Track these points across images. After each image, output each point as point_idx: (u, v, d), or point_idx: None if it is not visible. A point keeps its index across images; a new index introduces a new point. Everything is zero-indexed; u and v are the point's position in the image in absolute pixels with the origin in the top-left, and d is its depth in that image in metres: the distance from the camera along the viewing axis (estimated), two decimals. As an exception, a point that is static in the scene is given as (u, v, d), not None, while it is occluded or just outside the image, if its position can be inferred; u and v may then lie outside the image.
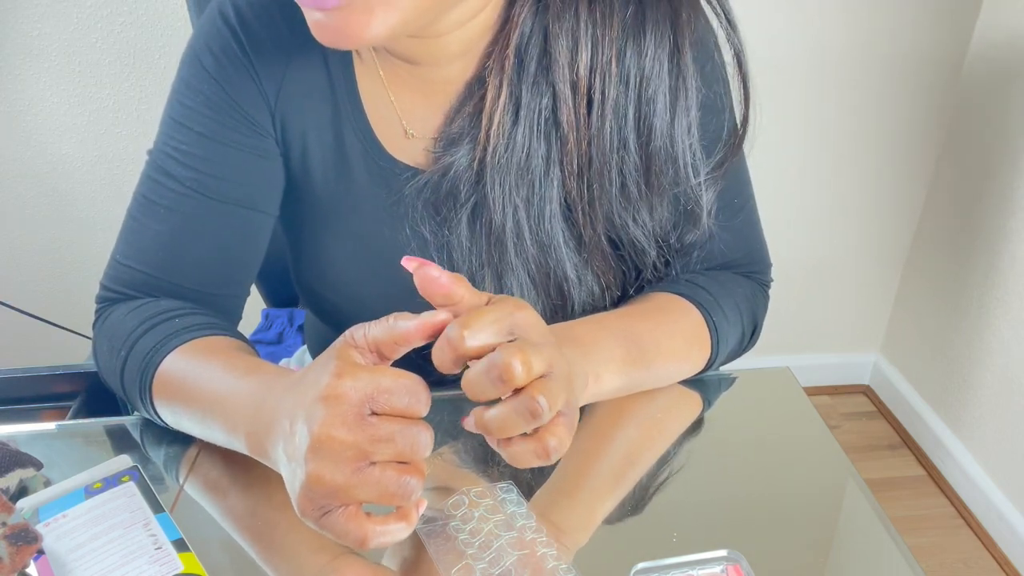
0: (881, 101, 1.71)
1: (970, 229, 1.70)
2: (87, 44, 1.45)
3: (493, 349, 0.45)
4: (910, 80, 1.69)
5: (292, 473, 0.46)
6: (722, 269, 0.77)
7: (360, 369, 0.45)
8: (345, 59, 0.68)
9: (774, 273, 0.81)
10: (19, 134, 1.52)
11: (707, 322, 0.70)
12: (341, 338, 0.47)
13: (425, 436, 0.45)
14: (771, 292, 0.80)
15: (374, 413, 0.44)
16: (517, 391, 0.45)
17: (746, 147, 0.73)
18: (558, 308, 0.71)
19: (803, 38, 1.62)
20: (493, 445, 0.48)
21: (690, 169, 0.67)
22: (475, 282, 0.69)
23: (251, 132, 0.68)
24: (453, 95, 0.68)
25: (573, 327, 0.63)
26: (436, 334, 0.46)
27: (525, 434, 0.47)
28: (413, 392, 0.45)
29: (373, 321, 0.47)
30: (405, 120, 0.69)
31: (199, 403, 0.58)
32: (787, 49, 1.62)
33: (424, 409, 0.45)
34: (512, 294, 0.68)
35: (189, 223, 0.67)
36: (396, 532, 0.46)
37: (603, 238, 0.69)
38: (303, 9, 0.55)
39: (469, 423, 0.48)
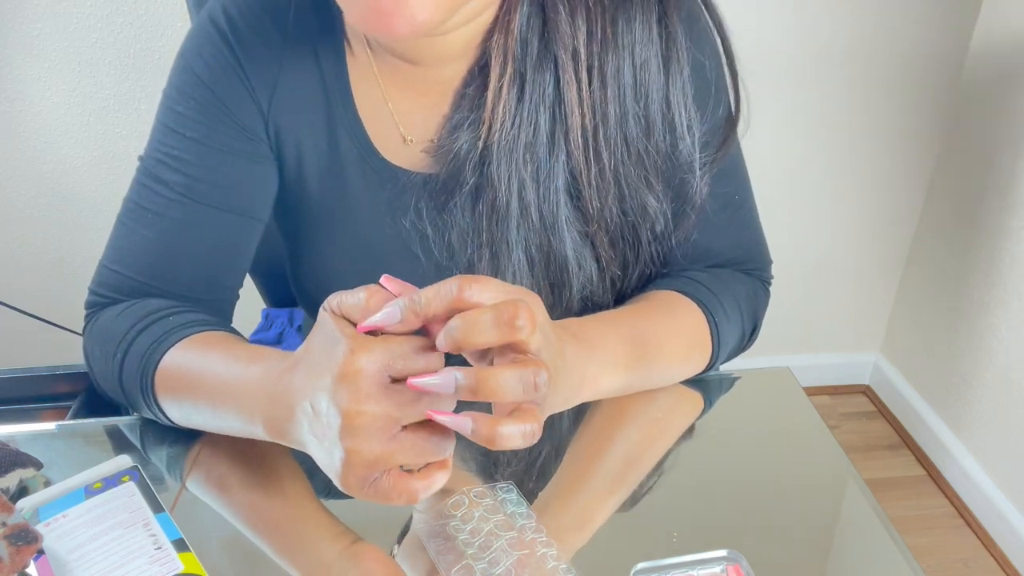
0: (881, 101, 1.71)
1: (970, 229, 1.70)
2: (87, 44, 1.45)
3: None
4: (910, 80, 1.69)
5: (328, 453, 0.47)
6: (723, 267, 0.76)
7: (371, 341, 0.46)
8: (339, 62, 0.68)
9: (774, 272, 0.81)
10: (19, 134, 1.52)
11: (708, 322, 0.70)
12: (328, 313, 0.49)
13: None
14: (772, 291, 0.80)
15: (393, 380, 0.46)
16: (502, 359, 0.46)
17: (745, 143, 0.73)
18: (555, 287, 0.71)
19: (803, 37, 1.62)
20: (466, 430, 0.45)
21: (686, 131, 0.68)
22: (472, 264, 0.69)
23: (243, 138, 0.68)
24: (451, 96, 0.68)
25: (583, 324, 0.63)
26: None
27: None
28: (428, 352, 0.46)
29: (347, 292, 0.48)
30: (402, 125, 0.69)
31: (207, 395, 0.58)
32: (787, 48, 1.62)
33: (440, 365, 0.46)
34: (507, 276, 0.68)
35: (178, 228, 0.67)
36: (439, 480, 0.49)
37: (611, 210, 0.69)
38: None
39: (447, 384, 0.45)
